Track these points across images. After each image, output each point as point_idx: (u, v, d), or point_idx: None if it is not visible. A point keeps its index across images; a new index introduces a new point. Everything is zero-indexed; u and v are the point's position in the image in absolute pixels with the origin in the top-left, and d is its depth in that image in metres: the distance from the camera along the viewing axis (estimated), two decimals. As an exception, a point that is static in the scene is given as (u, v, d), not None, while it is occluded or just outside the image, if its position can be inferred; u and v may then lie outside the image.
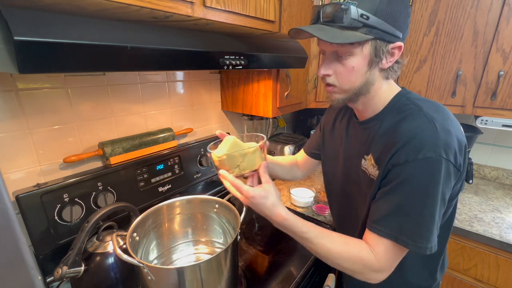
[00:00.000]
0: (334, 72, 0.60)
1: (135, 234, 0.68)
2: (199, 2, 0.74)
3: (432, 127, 0.55)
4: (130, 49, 0.49)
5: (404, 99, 0.62)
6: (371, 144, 0.65)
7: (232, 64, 0.69)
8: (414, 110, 0.59)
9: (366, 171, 0.66)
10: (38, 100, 0.76)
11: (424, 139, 0.54)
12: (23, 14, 0.39)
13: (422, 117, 0.57)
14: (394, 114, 0.62)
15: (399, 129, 0.58)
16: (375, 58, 0.57)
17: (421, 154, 0.53)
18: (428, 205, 0.55)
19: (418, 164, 0.54)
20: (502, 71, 1.12)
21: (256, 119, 1.43)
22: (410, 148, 0.54)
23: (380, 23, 0.53)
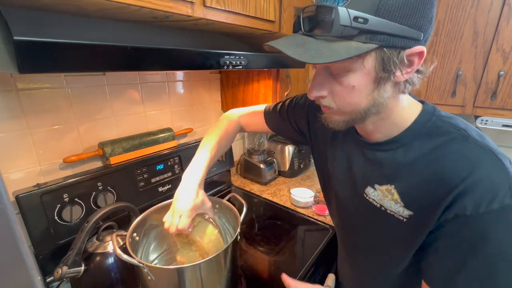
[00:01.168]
0: (330, 92, 0.46)
1: (135, 234, 0.68)
2: (199, 2, 0.74)
3: (496, 161, 0.42)
4: (130, 49, 0.49)
5: (435, 119, 0.48)
6: (393, 174, 0.51)
7: (232, 64, 0.69)
8: (458, 136, 0.45)
9: (377, 204, 0.54)
10: (38, 100, 0.76)
11: (494, 180, 0.41)
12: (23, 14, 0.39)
13: (477, 148, 0.43)
14: (426, 139, 0.47)
15: (447, 163, 0.44)
16: (383, 73, 0.42)
17: (496, 202, 0.40)
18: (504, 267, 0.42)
19: (494, 216, 0.41)
20: (502, 71, 1.12)
21: (256, 119, 1.43)
22: (478, 194, 0.41)
23: (386, 25, 0.38)
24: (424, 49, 0.41)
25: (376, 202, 0.54)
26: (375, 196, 0.54)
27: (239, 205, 0.76)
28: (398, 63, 0.41)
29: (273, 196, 1.30)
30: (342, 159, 0.61)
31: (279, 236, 1.01)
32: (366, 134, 0.55)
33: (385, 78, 0.43)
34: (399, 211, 0.50)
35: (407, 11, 0.38)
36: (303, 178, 1.52)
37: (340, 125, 0.50)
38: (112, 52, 0.47)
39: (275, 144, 1.50)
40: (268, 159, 1.44)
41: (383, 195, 0.52)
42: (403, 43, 0.39)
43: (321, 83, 0.46)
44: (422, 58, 0.42)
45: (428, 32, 0.41)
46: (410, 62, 0.42)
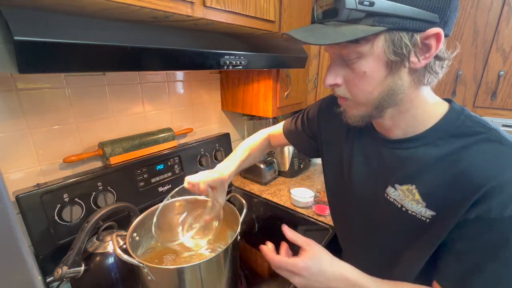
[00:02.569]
0: (344, 81, 0.46)
1: (135, 234, 0.68)
2: (199, 2, 0.74)
3: None
4: (130, 49, 0.49)
5: (464, 119, 0.46)
6: (415, 173, 0.49)
7: (232, 64, 0.69)
8: (491, 136, 0.43)
9: (398, 204, 0.52)
10: (38, 100, 0.76)
11: None
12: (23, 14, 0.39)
13: (508, 148, 0.41)
14: (453, 139, 0.45)
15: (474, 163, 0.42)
16: (395, 57, 0.40)
17: None
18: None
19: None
20: (502, 71, 1.12)
21: (256, 119, 1.43)
22: (506, 197, 0.39)
23: (394, 7, 0.37)
24: (441, 31, 0.38)
25: (397, 202, 0.52)
26: (396, 196, 0.52)
27: (239, 205, 0.76)
28: (411, 47, 0.39)
29: (273, 196, 1.30)
30: (360, 158, 0.59)
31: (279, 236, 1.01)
32: (384, 130, 0.53)
33: (398, 64, 0.41)
34: (421, 212, 0.48)
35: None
36: (303, 178, 1.52)
37: (357, 119, 0.49)
38: (112, 52, 0.47)
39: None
40: (268, 159, 1.44)
41: (404, 195, 0.50)
42: (415, 26, 0.38)
43: (335, 70, 0.46)
44: (439, 41, 0.39)
45: (447, 15, 0.38)
46: (426, 47, 0.40)
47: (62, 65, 0.42)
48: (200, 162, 1.17)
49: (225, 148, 1.29)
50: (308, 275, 0.49)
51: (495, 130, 0.43)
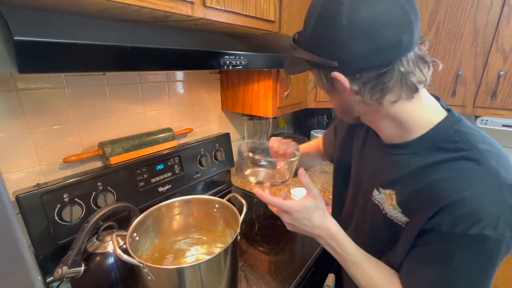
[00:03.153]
0: None
1: (135, 234, 0.68)
2: (199, 2, 0.74)
3: (498, 189, 0.40)
4: (130, 49, 0.49)
5: (452, 133, 0.46)
6: (397, 179, 0.51)
7: (232, 64, 0.69)
8: (470, 155, 0.43)
9: (380, 206, 0.55)
10: (38, 100, 0.76)
11: (483, 208, 0.39)
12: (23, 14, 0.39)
13: (481, 169, 0.41)
14: (436, 151, 0.46)
15: (444, 179, 0.43)
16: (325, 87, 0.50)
17: (475, 228, 0.39)
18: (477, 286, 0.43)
19: (468, 241, 0.40)
20: (502, 71, 1.12)
21: (256, 119, 1.43)
22: (460, 216, 0.40)
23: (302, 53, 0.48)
24: (339, 76, 0.44)
25: (380, 204, 0.54)
26: (380, 199, 0.55)
27: (239, 205, 0.76)
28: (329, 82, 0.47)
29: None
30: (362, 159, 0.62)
31: (279, 236, 1.01)
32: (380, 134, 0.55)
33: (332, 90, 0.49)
34: (397, 217, 0.51)
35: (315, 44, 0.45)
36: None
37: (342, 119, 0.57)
38: (112, 52, 0.47)
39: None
40: (268, 159, 1.43)
41: (386, 199, 0.53)
42: (319, 68, 0.48)
43: None
44: (342, 81, 0.44)
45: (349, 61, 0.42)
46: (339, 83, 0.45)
47: (62, 65, 0.42)
48: (200, 162, 1.17)
49: (225, 148, 1.29)
50: (297, 216, 0.54)
51: (477, 150, 0.43)
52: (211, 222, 0.84)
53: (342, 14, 0.39)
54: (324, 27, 0.43)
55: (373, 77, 0.43)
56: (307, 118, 1.86)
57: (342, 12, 0.39)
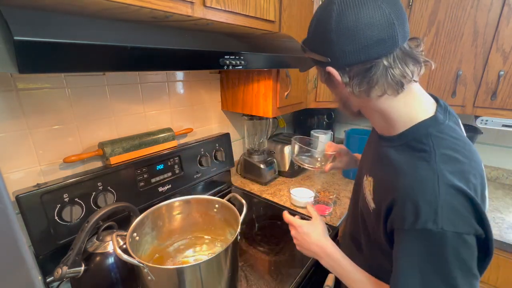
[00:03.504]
0: None
1: (135, 234, 0.68)
2: (199, 2, 0.74)
3: (434, 185, 0.44)
4: (130, 49, 0.49)
5: (427, 134, 0.50)
6: (376, 168, 0.58)
7: (232, 64, 0.69)
8: (426, 154, 0.48)
9: (365, 190, 0.61)
10: (38, 100, 0.76)
11: (421, 203, 0.44)
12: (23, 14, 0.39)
13: (427, 169, 0.46)
14: (407, 148, 0.51)
15: (399, 172, 0.49)
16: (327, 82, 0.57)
17: (418, 223, 0.44)
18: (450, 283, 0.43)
19: (416, 236, 0.44)
20: (502, 71, 1.12)
21: (256, 119, 1.43)
22: (406, 211, 0.45)
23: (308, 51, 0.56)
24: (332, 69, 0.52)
25: (365, 189, 0.62)
26: (366, 184, 0.62)
27: (239, 205, 0.76)
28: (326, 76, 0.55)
29: (273, 196, 1.31)
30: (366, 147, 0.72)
31: (279, 236, 1.01)
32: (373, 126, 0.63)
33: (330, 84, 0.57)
34: (369, 202, 0.58)
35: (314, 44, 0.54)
36: (303, 178, 1.52)
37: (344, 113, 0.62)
38: (112, 52, 0.47)
39: (275, 144, 1.50)
40: (268, 159, 1.44)
41: (367, 184, 0.61)
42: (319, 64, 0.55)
43: None
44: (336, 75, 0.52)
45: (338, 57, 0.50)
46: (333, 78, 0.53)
47: (62, 65, 0.42)
48: (200, 162, 1.17)
49: (225, 148, 1.29)
50: (301, 232, 0.68)
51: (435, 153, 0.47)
52: (211, 222, 0.84)
53: (332, 19, 0.48)
54: (320, 30, 0.52)
55: (361, 71, 0.49)
56: (307, 118, 1.86)
57: (332, 17, 0.48)
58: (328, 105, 1.43)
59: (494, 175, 1.53)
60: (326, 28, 0.49)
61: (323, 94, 1.40)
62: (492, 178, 1.54)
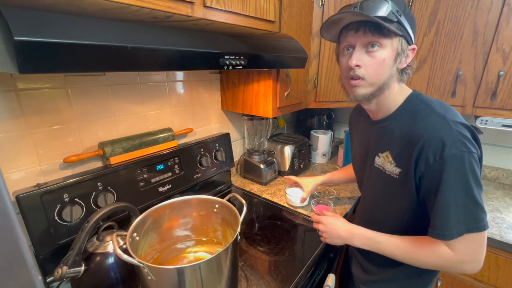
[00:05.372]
0: (364, 65, 0.64)
1: (135, 234, 0.68)
2: (199, 2, 0.74)
3: (445, 124, 0.60)
4: (130, 49, 0.49)
5: (416, 100, 0.68)
6: (388, 142, 0.70)
7: (232, 64, 0.69)
8: (427, 110, 0.64)
9: (381, 168, 0.73)
10: (38, 100, 0.76)
11: (442, 137, 0.58)
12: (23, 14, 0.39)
13: (435, 116, 0.62)
14: (408, 115, 0.67)
15: (415, 128, 0.63)
16: (399, 56, 0.63)
17: (445, 152, 0.58)
18: (470, 194, 0.59)
19: (445, 162, 0.58)
20: (502, 71, 1.12)
21: (256, 119, 1.43)
22: (433, 148, 0.59)
23: (407, 24, 0.60)
24: (415, 47, 0.65)
25: (380, 166, 0.73)
26: (379, 162, 0.74)
27: (239, 205, 0.76)
28: (405, 51, 0.63)
29: (273, 196, 1.31)
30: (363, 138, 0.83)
31: (279, 236, 1.01)
32: (373, 115, 0.76)
33: (398, 60, 0.64)
34: (393, 171, 0.69)
35: (411, 20, 0.62)
36: (303, 178, 1.52)
37: (363, 97, 0.67)
38: (112, 52, 0.47)
39: (275, 144, 1.50)
40: (268, 159, 1.44)
41: (384, 160, 0.72)
42: (409, 40, 0.63)
43: (359, 55, 0.64)
44: (414, 53, 0.65)
45: (415, 36, 0.64)
46: (408, 55, 0.65)
47: (62, 65, 0.42)
48: (200, 162, 1.17)
49: (225, 148, 1.29)
50: (327, 224, 0.82)
51: (431, 107, 0.65)
52: (211, 222, 0.84)
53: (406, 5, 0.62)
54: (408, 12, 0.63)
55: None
56: (307, 118, 1.86)
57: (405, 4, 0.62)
58: (328, 105, 1.43)
59: (494, 175, 1.53)
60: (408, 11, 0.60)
61: (323, 94, 1.40)
62: (492, 178, 1.54)
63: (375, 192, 0.79)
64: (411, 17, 0.62)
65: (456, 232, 0.60)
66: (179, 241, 0.84)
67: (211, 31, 0.71)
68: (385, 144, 0.71)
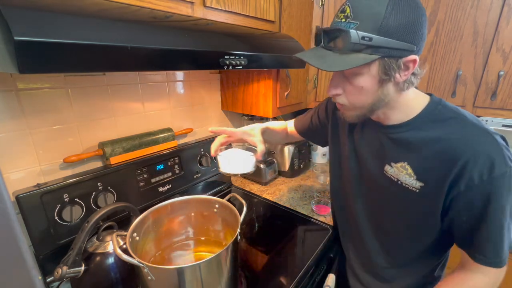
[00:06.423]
0: (344, 91, 0.58)
1: (135, 234, 0.68)
2: (199, 2, 0.74)
3: (491, 138, 0.53)
4: (130, 49, 0.49)
5: (441, 108, 0.59)
6: (405, 152, 0.61)
7: (232, 64, 0.69)
8: (460, 119, 0.56)
9: (394, 179, 0.64)
10: (38, 100, 0.76)
11: (491, 153, 0.51)
12: (23, 14, 0.39)
13: (471, 126, 0.55)
14: (434, 123, 0.58)
15: (450, 141, 0.55)
16: (385, 76, 0.53)
17: (496, 171, 0.51)
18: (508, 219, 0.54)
19: (496, 181, 0.51)
20: (502, 71, 1.12)
21: (256, 119, 1.43)
22: (479, 166, 0.51)
23: (386, 41, 0.48)
24: (417, 57, 0.52)
25: (393, 177, 0.64)
26: (392, 172, 0.64)
27: (239, 205, 0.76)
28: (396, 69, 0.52)
29: (273, 196, 1.31)
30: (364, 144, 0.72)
31: (279, 236, 1.01)
32: (379, 119, 0.66)
33: (387, 80, 0.54)
34: (412, 183, 0.61)
35: (402, 30, 0.49)
36: (303, 178, 1.52)
37: (354, 118, 0.62)
38: (112, 52, 0.47)
39: (275, 144, 1.50)
40: (268, 159, 1.44)
41: (399, 171, 0.63)
42: (399, 54, 0.50)
43: (337, 83, 0.58)
44: (415, 64, 0.53)
45: (420, 44, 0.52)
46: (406, 67, 0.53)
47: (62, 65, 0.42)
48: (200, 162, 1.17)
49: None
50: None
51: (463, 115, 0.57)
52: (211, 222, 0.84)
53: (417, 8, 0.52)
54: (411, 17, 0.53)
55: None
56: (307, 118, 1.86)
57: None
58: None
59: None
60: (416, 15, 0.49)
61: (323, 94, 1.40)
62: (492, 178, 1.54)
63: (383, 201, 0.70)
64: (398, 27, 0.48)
65: (506, 256, 0.56)
66: (179, 241, 0.84)
67: (211, 31, 0.71)
68: (401, 154, 0.62)
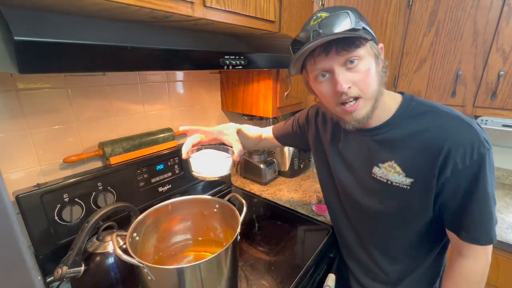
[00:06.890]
0: (353, 83, 0.58)
1: (135, 234, 0.68)
2: (199, 2, 0.74)
3: (467, 124, 0.57)
4: (130, 49, 0.49)
5: (414, 104, 0.63)
6: (390, 151, 0.64)
7: (232, 64, 0.69)
8: (434, 112, 0.61)
9: (384, 179, 0.66)
10: (38, 100, 0.76)
11: (470, 138, 0.56)
12: (23, 14, 0.39)
13: (447, 116, 0.59)
14: (412, 118, 0.62)
15: (430, 133, 0.59)
16: (378, 59, 0.59)
17: (476, 154, 0.55)
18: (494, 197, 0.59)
19: (477, 163, 0.55)
20: (502, 71, 1.12)
21: (256, 119, 1.43)
22: (461, 152, 0.56)
23: (368, 26, 0.57)
24: (382, 45, 0.62)
25: (383, 178, 0.66)
26: (381, 174, 0.66)
27: (239, 205, 0.76)
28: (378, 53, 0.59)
29: (273, 196, 1.30)
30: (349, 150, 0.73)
31: (279, 236, 1.01)
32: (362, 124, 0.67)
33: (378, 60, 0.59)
34: (402, 181, 0.63)
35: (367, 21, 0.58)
36: (303, 178, 1.52)
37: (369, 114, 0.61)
38: (112, 52, 0.47)
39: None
40: (268, 159, 1.44)
41: (387, 170, 0.65)
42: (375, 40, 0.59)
43: (344, 77, 0.58)
44: (383, 51, 0.61)
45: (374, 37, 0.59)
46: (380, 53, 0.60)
47: (62, 65, 0.42)
48: (200, 162, 1.16)
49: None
50: None
51: (435, 107, 0.61)
52: (211, 222, 0.84)
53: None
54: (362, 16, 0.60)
55: None
56: (307, 118, 1.86)
57: None
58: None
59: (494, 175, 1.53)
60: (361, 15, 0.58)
61: (323, 94, 1.40)
62: (492, 178, 1.54)
63: (376, 205, 0.70)
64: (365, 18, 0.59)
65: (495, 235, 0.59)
66: (179, 241, 0.84)
67: (211, 31, 0.71)
68: (387, 154, 0.64)
